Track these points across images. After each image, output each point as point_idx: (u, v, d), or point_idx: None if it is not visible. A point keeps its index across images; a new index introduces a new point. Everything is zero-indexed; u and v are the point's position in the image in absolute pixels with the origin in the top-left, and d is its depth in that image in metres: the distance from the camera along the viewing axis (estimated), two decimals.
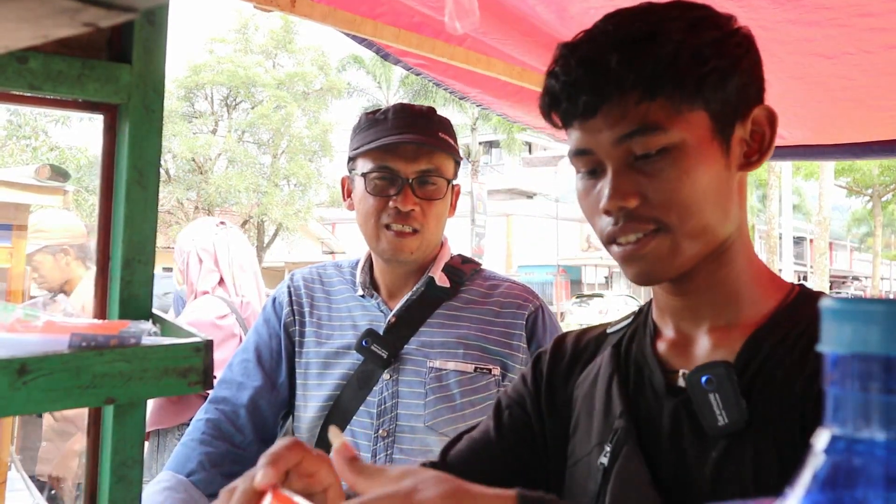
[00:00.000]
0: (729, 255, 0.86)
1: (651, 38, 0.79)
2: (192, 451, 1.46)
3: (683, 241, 0.82)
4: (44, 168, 2.63)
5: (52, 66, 0.69)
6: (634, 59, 0.79)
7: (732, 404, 0.79)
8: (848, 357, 0.28)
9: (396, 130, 1.44)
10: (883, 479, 0.27)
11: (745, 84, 0.83)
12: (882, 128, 2.33)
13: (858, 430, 0.27)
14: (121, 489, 0.71)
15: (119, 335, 0.67)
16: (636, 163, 0.81)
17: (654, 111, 0.79)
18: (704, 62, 0.79)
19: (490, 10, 1.62)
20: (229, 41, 23.74)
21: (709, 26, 0.82)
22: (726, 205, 0.84)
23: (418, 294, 1.51)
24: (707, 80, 0.80)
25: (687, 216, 0.81)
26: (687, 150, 0.80)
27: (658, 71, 0.78)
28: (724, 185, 0.83)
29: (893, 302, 0.27)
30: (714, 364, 0.81)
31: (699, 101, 0.80)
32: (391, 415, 1.45)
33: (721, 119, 0.82)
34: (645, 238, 0.82)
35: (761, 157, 0.85)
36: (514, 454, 1.00)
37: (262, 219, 22.99)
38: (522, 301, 1.51)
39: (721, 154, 0.82)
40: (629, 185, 0.81)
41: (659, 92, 0.79)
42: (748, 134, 0.85)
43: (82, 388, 0.62)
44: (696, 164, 0.80)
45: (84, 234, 3.36)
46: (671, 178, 0.80)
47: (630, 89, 0.79)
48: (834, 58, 1.72)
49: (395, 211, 1.43)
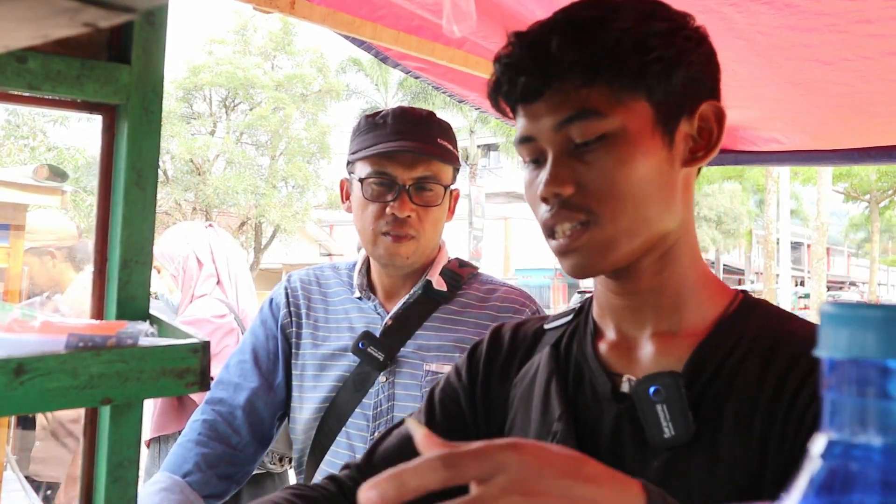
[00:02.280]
0: (673, 255, 0.84)
1: (597, 24, 0.79)
2: (188, 451, 1.46)
3: (617, 234, 0.80)
4: (42, 168, 2.62)
5: (52, 66, 0.69)
6: (576, 42, 0.78)
7: (680, 417, 0.77)
8: (845, 362, 0.28)
9: (395, 136, 1.44)
10: (879, 484, 0.27)
11: (693, 78, 0.81)
12: (880, 133, 2.33)
13: (855, 435, 0.28)
14: (117, 490, 0.71)
15: (116, 336, 0.67)
16: (575, 150, 0.80)
17: (595, 96, 0.78)
18: (648, 51, 0.78)
19: (488, 13, 1.62)
20: (228, 42, 23.73)
21: (658, 18, 0.81)
22: (667, 200, 0.82)
23: (415, 297, 1.51)
24: (650, 69, 0.79)
25: (621, 207, 0.79)
26: (625, 138, 0.79)
27: (599, 55, 0.78)
28: (666, 179, 0.81)
29: (890, 307, 0.27)
30: (662, 375, 0.80)
31: (641, 89, 0.79)
32: (387, 417, 1.45)
33: (664, 111, 0.80)
34: (578, 230, 0.80)
35: (707, 153, 0.83)
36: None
37: (259, 220, 22.97)
38: (519, 306, 1.51)
39: (662, 146, 0.80)
40: (566, 172, 0.80)
41: (599, 77, 0.78)
42: (695, 130, 0.83)
43: (79, 388, 0.62)
44: (634, 154, 0.79)
45: (74, 236, 3.31)
46: (607, 167, 0.79)
47: (570, 73, 0.78)
48: (832, 63, 1.72)
49: (392, 217, 1.43)
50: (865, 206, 28.64)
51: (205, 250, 2.80)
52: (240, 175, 21.77)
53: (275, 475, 2.55)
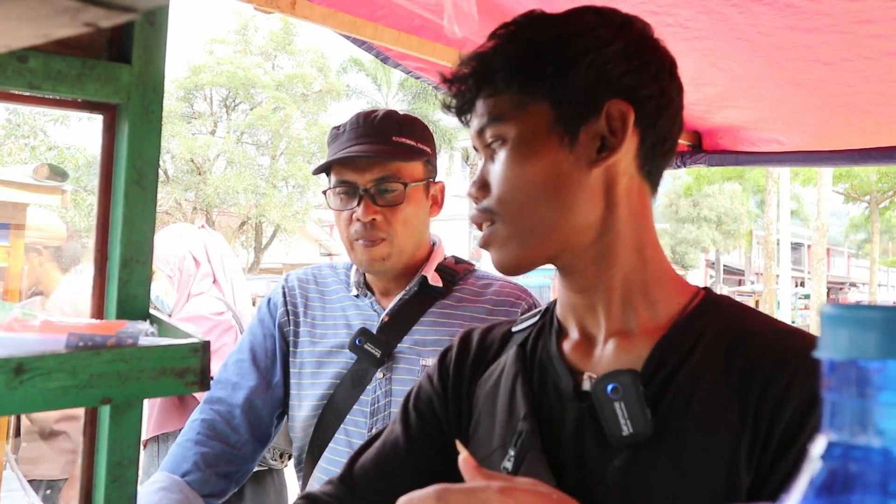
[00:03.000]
0: (611, 255, 0.85)
1: (508, 37, 0.86)
2: (187, 451, 1.46)
3: (515, 233, 0.84)
4: (42, 167, 2.63)
5: (52, 66, 0.69)
6: (487, 58, 0.86)
7: (638, 414, 0.77)
8: (845, 363, 0.28)
9: (350, 143, 1.47)
10: (879, 485, 0.27)
11: (597, 78, 0.82)
12: (880, 134, 2.33)
13: (855, 436, 0.28)
14: (116, 489, 0.71)
15: (116, 335, 0.67)
16: (491, 155, 0.86)
17: (500, 103, 0.84)
18: (542, 56, 0.82)
19: (489, 13, 1.62)
20: (229, 42, 23.75)
21: (564, 22, 0.85)
22: (570, 200, 0.82)
23: (411, 293, 1.52)
24: (543, 74, 0.82)
25: (514, 207, 0.83)
26: (520, 140, 0.83)
27: (500, 66, 0.84)
28: (566, 179, 0.82)
29: (890, 308, 0.27)
30: (620, 372, 0.80)
31: (539, 93, 0.82)
32: (385, 413, 1.45)
33: (564, 112, 0.82)
34: (487, 228, 0.86)
35: (609, 153, 0.83)
36: (426, 461, 0.98)
37: (260, 220, 22.99)
38: (515, 299, 1.52)
39: (560, 147, 0.82)
40: (482, 175, 0.86)
41: (503, 85, 0.84)
42: (605, 129, 0.83)
43: (79, 387, 0.62)
44: (527, 156, 0.82)
45: (63, 237, 3.29)
46: (503, 169, 0.83)
47: (485, 84, 0.85)
48: (833, 64, 1.72)
49: (359, 223, 1.45)
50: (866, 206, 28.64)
51: (200, 250, 2.79)
52: (240, 175, 21.78)
53: (275, 472, 2.55)
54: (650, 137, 0.85)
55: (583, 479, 0.80)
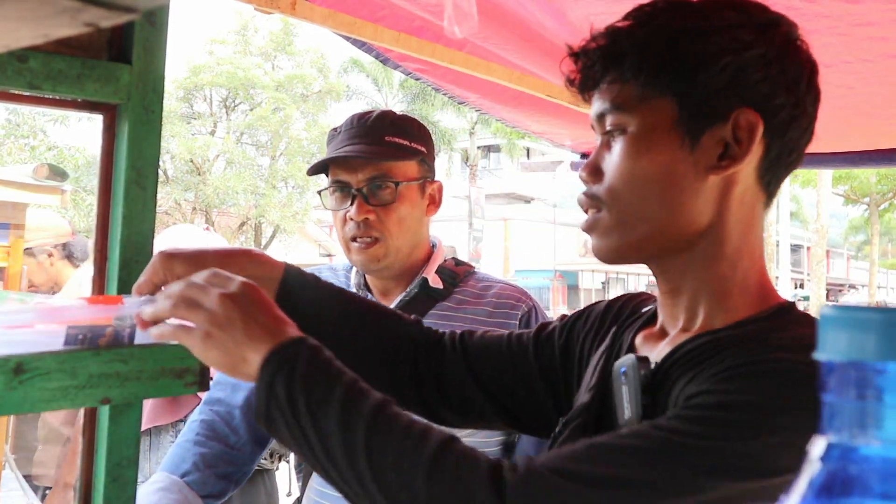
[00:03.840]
0: (699, 260, 0.83)
1: (640, 23, 0.82)
2: (186, 451, 1.46)
3: (616, 226, 0.83)
4: (42, 167, 2.63)
5: (52, 66, 0.69)
6: (619, 40, 0.82)
7: (635, 399, 0.79)
8: (843, 365, 0.28)
9: (343, 143, 1.48)
10: (878, 487, 0.27)
11: (729, 82, 0.79)
12: (880, 136, 2.33)
13: (854, 437, 0.28)
14: (116, 489, 0.71)
15: (113, 323, 0.67)
16: (609, 140, 0.84)
17: (625, 92, 0.82)
18: (675, 50, 0.79)
19: (489, 14, 1.62)
20: (229, 42, 23.73)
21: (706, 16, 0.80)
22: (680, 201, 0.81)
23: (411, 295, 1.52)
24: (671, 69, 0.79)
25: (620, 200, 0.82)
26: (640, 134, 0.81)
27: (631, 53, 0.81)
28: (680, 180, 0.80)
29: (889, 310, 0.27)
30: (632, 357, 0.82)
31: (666, 89, 0.80)
32: None
33: (689, 111, 0.79)
34: (593, 214, 0.85)
35: (731, 163, 0.80)
36: (535, 371, 1.03)
37: (259, 220, 22.97)
38: (515, 301, 1.52)
39: (680, 147, 0.80)
40: (596, 159, 0.85)
41: (630, 74, 0.81)
42: (730, 136, 0.80)
43: (78, 388, 0.62)
44: (644, 151, 0.81)
45: (68, 233, 3.29)
46: (617, 160, 0.82)
47: (610, 69, 0.83)
48: (832, 66, 1.72)
49: (353, 223, 1.45)
50: (865, 208, 28.63)
51: None
52: (240, 175, 21.76)
53: (266, 472, 2.55)
54: (776, 148, 0.82)
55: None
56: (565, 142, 2.77)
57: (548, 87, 2.13)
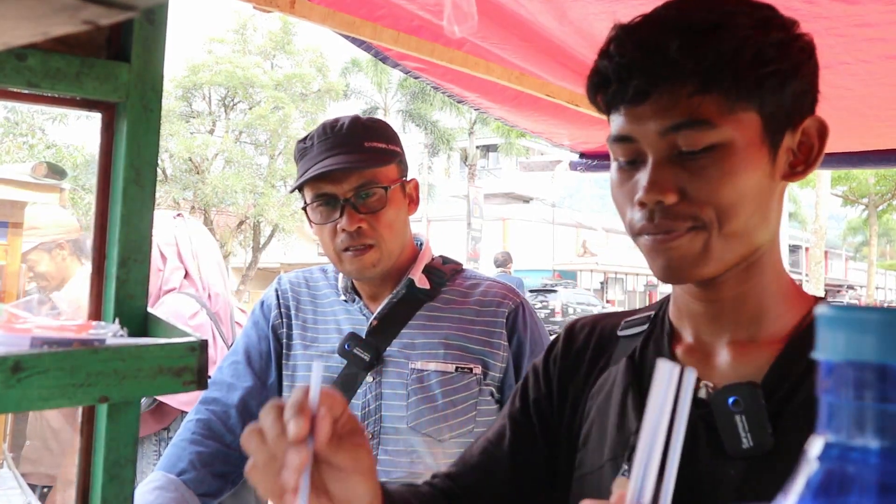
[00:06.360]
0: (759, 266, 0.84)
1: (715, 29, 0.76)
2: (182, 450, 1.46)
3: (717, 243, 0.79)
4: (40, 165, 2.63)
5: (51, 64, 0.69)
6: (695, 48, 0.76)
7: (759, 428, 0.77)
8: (842, 365, 0.28)
9: (322, 156, 1.45)
10: (876, 486, 0.27)
11: (803, 91, 0.81)
12: (878, 137, 2.33)
13: (852, 437, 0.28)
14: (113, 488, 0.71)
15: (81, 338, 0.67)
16: (679, 157, 0.78)
17: (707, 105, 0.76)
18: (766, 62, 0.77)
19: (489, 14, 1.63)
20: (228, 41, 23.73)
21: (775, 27, 0.79)
22: (765, 212, 0.81)
23: (399, 297, 1.52)
24: (766, 82, 0.77)
25: (725, 218, 0.78)
26: (734, 150, 0.77)
27: (718, 64, 0.75)
28: (766, 192, 0.81)
29: (888, 310, 0.27)
30: (741, 385, 0.80)
31: (754, 101, 0.78)
32: (375, 417, 1.46)
33: (772, 124, 0.79)
34: (689, 235, 0.79)
35: (807, 168, 0.83)
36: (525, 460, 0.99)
37: (258, 219, 22.97)
38: (502, 299, 1.52)
39: (767, 160, 0.80)
40: (669, 179, 0.78)
41: (715, 86, 0.76)
42: (796, 144, 0.82)
43: (76, 386, 0.62)
44: (740, 167, 0.78)
45: (77, 229, 3.29)
46: (714, 178, 0.77)
47: (685, 79, 0.76)
48: (831, 67, 1.73)
49: (344, 234, 1.44)
50: (863, 209, 28.67)
51: (169, 242, 2.69)
52: (238, 174, 21.77)
53: None
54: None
55: (693, 486, 0.80)
56: (564, 141, 2.77)
57: (546, 86, 2.13)
